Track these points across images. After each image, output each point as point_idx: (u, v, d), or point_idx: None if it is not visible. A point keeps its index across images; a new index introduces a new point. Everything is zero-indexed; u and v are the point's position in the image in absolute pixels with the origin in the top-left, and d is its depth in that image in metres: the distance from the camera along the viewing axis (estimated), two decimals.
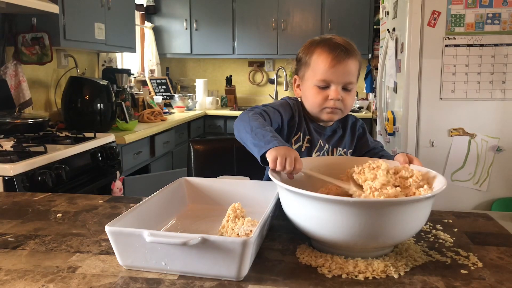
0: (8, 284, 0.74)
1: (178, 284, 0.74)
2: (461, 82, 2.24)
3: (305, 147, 1.27)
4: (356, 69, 1.24)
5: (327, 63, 1.20)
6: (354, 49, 1.23)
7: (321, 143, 1.27)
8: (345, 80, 1.21)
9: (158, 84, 4.61)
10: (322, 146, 1.27)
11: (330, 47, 1.21)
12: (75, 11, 2.71)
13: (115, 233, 0.77)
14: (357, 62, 1.24)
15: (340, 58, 1.19)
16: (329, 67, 1.19)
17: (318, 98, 1.22)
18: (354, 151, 1.33)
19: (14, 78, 2.54)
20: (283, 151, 0.95)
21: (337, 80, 1.20)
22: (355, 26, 4.48)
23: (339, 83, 1.21)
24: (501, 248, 0.91)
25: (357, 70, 1.24)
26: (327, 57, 1.20)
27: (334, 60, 1.19)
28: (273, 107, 1.24)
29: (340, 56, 1.19)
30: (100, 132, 2.56)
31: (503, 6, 2.17)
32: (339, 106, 1.22)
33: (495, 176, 2.29)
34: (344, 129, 1.33)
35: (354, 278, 0.76)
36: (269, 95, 4.94)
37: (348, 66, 1.20)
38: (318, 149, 1.27)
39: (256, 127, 1.06)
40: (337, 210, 0.77)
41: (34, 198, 1.25)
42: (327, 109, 1.23)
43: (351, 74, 1.22)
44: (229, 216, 0.93)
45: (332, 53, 1.20)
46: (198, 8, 4.69)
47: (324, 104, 1.23)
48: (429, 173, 0.95)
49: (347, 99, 1.23)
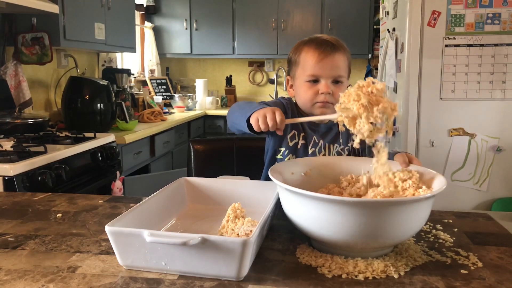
0: (8, 284, 0.74)
1: (178, 284, 0.74)
2: (461, 82, 2.24)
3: (300, 143, 1.30)
4: (344, 63, 1.27)
5: (315, 58, 1.24)
6: (341, 44, 1.27)
7: (315, 139, 1.30)
8: (333, 73, 1.24)
9: (158, 84, 4.61)
10: (316, 142, 1.30)
11: (317, 44, 1.26)
12: (75, 11, 2.71)
13: (115, 233, 0.77)
14: (345, 57, 1.27)
15: (327, 52, 1.23)
16: (316, 62, 1.24)
17: (309, 93, 1.26)
18: (351, 149, 1.34)
19: (14, 78, 2.54)
20: (263, 111, 1.00)
21: (325, 74, 1.24)
22: (355, 26, 4.48)
23: (328, 77, 1.24)
24: (501, 248, 0.91)
25: (345, 64, 1.27)
26: (314, 52, 1.25)
27: (321, 55, 1.24)
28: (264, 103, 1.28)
29: (327, 51, 1.24)
30: (100, 132, 2.56)
31: (503, 6, 2.17)
32: (330, 100, 1.25)
33: (495, 176, 2.28)
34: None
35: (354, 278, 0.76)
36: (269, 95, 4.94)
37: (336, 60, 1.24)
38: (313, 145, 1.30)
39: (243, 104, 1.15)
40: (337, 210, 0.77)
41: (34, 198, 1.25)
42: (318, 103, 1.26)
43: (340, 68, 1.25)
44: (229, 216, 0.93)
45: (319, 49, 1.24)
46: (198, 8, 4.69)
47: (315, 99, 1.26)
48: (429, 173, 0.95)
49: (337, 93, 1.25)
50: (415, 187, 0.90)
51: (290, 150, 1.30)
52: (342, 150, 1.32)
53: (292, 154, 1.30)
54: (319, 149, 1.30)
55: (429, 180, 0.94)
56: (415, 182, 0.91)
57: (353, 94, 0.89)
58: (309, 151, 1.29)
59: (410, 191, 0.89)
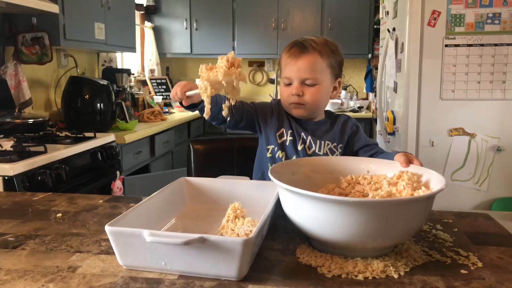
0: (8, 284, 0.74)
1: (178, 284, 0.74)
2: (461, 82, 2.24)
3: (289, 140, 1.33)
4: (317, 64, 1.26)
5: (285, 60, 1.29)
6: (317, 45, 1.27)
7: (304, 135, 1.33)
8: (300, 75, 1.27)
9: (158, 84, 4.61)
10: (305, 139, 1.33)
11: (291, 46, 1.30)
12: (75, 11, 2.71)
13: (115, 233, 0.77)
14: (320, 57, 1.26)
15: (296, 54, 1.27)
16: (286, 64, 1.29)
17: (284, 95, 1.32)
18: (347, 148, 1.36)
19: (14, 78, 2.54)
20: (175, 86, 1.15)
21: (294, 76, 1.28)
22: (355, 26, 4.48)
23: (297, 78, 1.27)
24: (501, 248, 0.91)
25: (316, 64, 1.26)
26: (285, 54, 1.30)
27: (289, 58, 1.28)
28: (252, 103, 1.37)
29: (295, 53, 1.27)
30: (100, 132, 2.56)
31: (503, 6, 2.17)
32: (301, 101, 1.29)
33: (495, 176, 2.28)
34: (333, 124, 1.38)
35: (353, 278, 0.76)
36: (269, 95, 4.94)
37: (303, 62, 1.26)
38: (302, 142, 1.33)
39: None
40: (337, 210, 0.77)
41: (34, 198, 1.25)
42: (292, 104, 1.31)
43: (308, 69, 1.26)
44: (229, 216, 0.93)
45: (289, 51, 1.28)
46: (198, 8, 4.69)
47: (289, 100, 1.30)
48: (429, 173, 0.95)
49: (307, 94, 1.28)
50: (410, 187, 0.90)
51: (279, 147, 1.33)
52: (335, 147, 1.34)
53: (281, 151, 1.32)
54: (309, 145, 1.32)
55: (428, 180, 0.94)
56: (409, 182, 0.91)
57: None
58: (299, 147, 1.32)
59: (408, 191, 0.89)
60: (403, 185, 0.91)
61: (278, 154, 1.32)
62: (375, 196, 0.84)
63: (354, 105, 4.48)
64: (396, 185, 0.92)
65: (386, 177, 0.97)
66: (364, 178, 1.00)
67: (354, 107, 4.46)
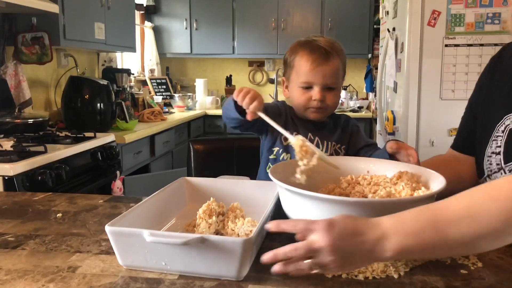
0: (8, 284, 0.74)
1: (178, 284, 0.74)
2: (461, 82, 2.24)
3: None
4: (338, 69, 1.28)
5: (308, 65, 1.25)
6: (336, 50, 1.27)
7: (311, 136, 1.32)
8: (325, 81, 1.26)
9: (158, 84, 4.61)
10: (312, 138, 1.32)
11: (311, 50, 1.26)
12: (75, 11, 2.71)
13: (115, 233, 0.78)
14: (339, 62, 1.28)
15: (320, 60, 1.24)
16: (309, 70, 1.25)
17: (302, 99, 1.28)
18: (348, 149, 1.36)
19: (14, 78, 2.54)
20: (248, 88, 1.08)
21: (318, 81, 1.25)
22: (355, 26, 4.48)
23: (321, 84, 1.25)
24: (501, 248, 0.90)
25: (339, 69, 1.28)
26: (308, 59, 1.26)
27: (314, 63, 1.24)
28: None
29: (320, 59, 1.24)
30: (100, 131, 2.56)
31: (503, 5, 2.17)
32: (323, 106, 1.28)
33: None
34: (336, 125, 1.38)
35: (354, 278, 0.76)
36: (269, 95, 4.94)
37: (329, 68, 1.25)
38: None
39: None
40: (338, 210, 0.77)
41: (34, 198, 1.25)
42: (311, 109, 1.29)
43: (332, 75, 1.26)
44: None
45: (312, 56, 1.25)
46: (198, 8, 4.69)
47: (308, 105, 1.28)
48: (429, 173, 0.95)
49: (329, 99, 1.28)
50: (410, 187, 0.90)
51: (284, 149, 1.31)
52: (339, 148, 1.34)
53: (286, 153, 1.31)
54: (316, 145, 1.31)
55: (428, 180, 0.94)
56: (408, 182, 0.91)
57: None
58: None
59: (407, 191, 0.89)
60: (402, 185, 0.91)
61: (282, 156, 1.30)
62: (374, 196, 0.84)
63: (354, 105, 4.48)
64: (395, 185, 0.92)
65: (386, 177, 0.97)
66: (364, 178, 1.00)
67: (354, 107, 4.46)
